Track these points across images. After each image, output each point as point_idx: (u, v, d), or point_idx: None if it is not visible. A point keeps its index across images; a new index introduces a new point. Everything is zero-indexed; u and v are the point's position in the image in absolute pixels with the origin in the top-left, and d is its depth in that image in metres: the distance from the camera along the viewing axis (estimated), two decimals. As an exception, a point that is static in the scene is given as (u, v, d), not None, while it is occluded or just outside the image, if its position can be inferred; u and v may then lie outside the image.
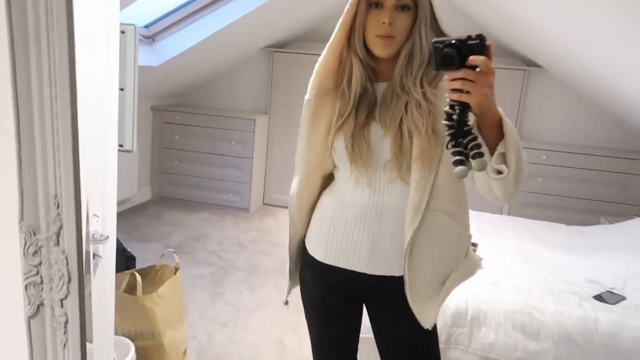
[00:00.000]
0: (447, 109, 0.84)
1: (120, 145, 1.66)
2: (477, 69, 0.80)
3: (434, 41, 0.82)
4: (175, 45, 3.52)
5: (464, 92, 0.81)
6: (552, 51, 3.31)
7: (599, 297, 1.96)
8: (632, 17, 1.95)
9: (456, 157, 0.82)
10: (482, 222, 2.85)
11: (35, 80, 0.71)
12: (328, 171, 1.20)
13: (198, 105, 4.63)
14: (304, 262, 1.24)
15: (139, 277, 1.85)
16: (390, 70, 1.08)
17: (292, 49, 4.33)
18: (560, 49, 3.09)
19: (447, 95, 0.84)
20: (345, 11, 1.05)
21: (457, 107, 0.83)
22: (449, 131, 0.83)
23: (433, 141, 1.02)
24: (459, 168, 0.82)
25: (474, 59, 0.80)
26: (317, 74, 1.11)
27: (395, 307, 1.11)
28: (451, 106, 0.83)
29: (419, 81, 1.03)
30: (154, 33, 3.50)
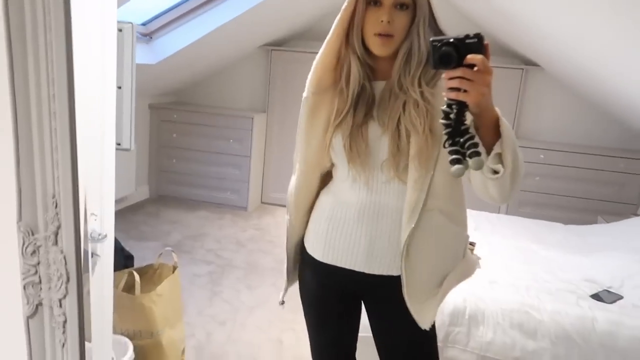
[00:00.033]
0: (444, 107, 0.84)
1: (118, 144, 1.66)
2: (475, 68, 0.80)
3: (432, 40, 0.82)
4: (173, 43, 3.51)
5: (462, 91, 0.81)
6: (550, 51, 3.31)
7: (596, 296, 1.96)
8: (631, 18, 1.96)
9: (453, 155, 0.82)
10: (480, 221, 2.86)
11: (33, 80, 0.70)
12: (326, 169, 1.20)
13: (196, 103, 4.62)
14: (303, 261, 1.24)
15: (137, 276, 1.85)
16: (388, 69, 1.08)
17: (290, 47, 4.32)
18: (558, 48, 3.10)
19: (444, 94, 0.84)
20: (343, 8, 1.05)
21: (454, 106, 0.83)
22: (446, 130, 0.83)
23: (430, 141, 1.02)
24: (455, 167, 0.82)
25: (471, 57, 0.80)
26: (315, 70, 1.11)
27: (393, 307, 1.11)
28: (449, 105, 0.83)
29: (417, 81, 1.03)
30: (151, 31, 3.49)
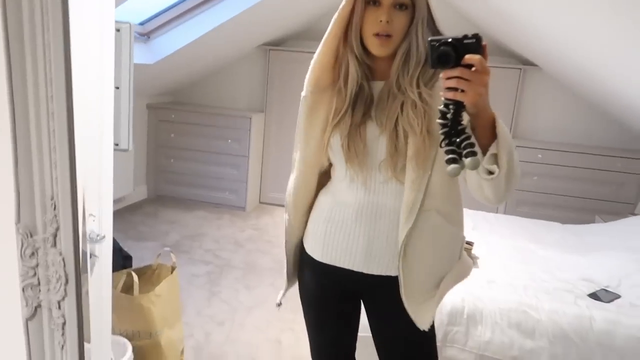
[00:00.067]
0: (441, 107, 0.84)
1: (116, 144, 1.65)
2: (473, 68, 0.80)
3: (430, 39, 0.82)
4: (170, 42, 3.50)
5: (459, 90, 0.81)
6: (548, 51, 3.32)
7: (593, 295, 1.97)
8: (630, 18, 1.96)
9: (449, 155, 0.83)
10: (478, 221, 2.87)
11: (31, 80, 0.70)
12: (324, 168, 1.20)
13: (194, 103, 4.62)
14: (302, 261, 1.24)
15: (135, 277, 1.85)
16: (387, 69, 1.08)
17: (288, 47, 4.32)
18: (556, 48, 3.10)
19: (442, 93, 0.84)
20: (341, 7, 1.04)
21: (451, 106, 0.83)
22: (443, 130, 0.84)
23: (428, 141, 1.02)
24: (451, 166, 0.82)
25: (469, 57, 0.80)
26: (314, 69, 1.11)
27: (392, 306, 1.11)
28: (446, 105, 0.84)
29: (415, 81, 1.04)
30: (149, 30, 3.48)
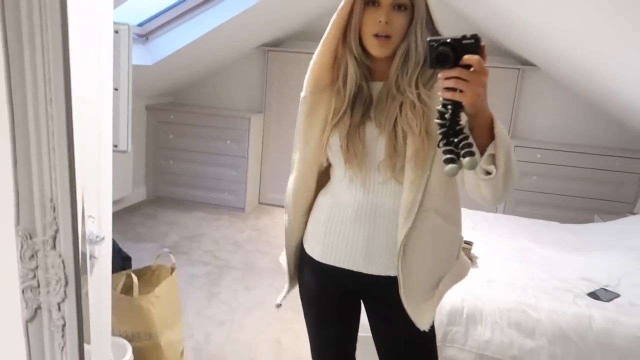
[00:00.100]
0: (440, 107, 0.84)
1: (115, 146, 1.65)
2: (471, 69, 0.81)
3: (429, 39, 0.82)
4: (169, 43, 3.50)
5: (458, 91, 0.82)
6: (546, 51, 3.32)
7: (593, 295, 1.97)
8: (630, 18, 1.96)
9: (447, 155, 0.83)
10: (477, 221, 2.87)
11: (30, 82, 0.70)
12: (323, 167, 1.20)
13: (193, 104, 4.61)
14: (302, 261, 1.24)
15: (135, 278, 1.85)
16: (386, 69, 1.08)
17: (286, 48, 4.32)
18: (555, 49, 3.11)
19: (440, 93, 0.84)
20: (340, 7, 1.04)
21: (449, 106, 0.83)
22: (441, 130, 0.84)
23: (426, 142, 1.02)
24: (449, 166, 0.83)
25: (468, 58, 0.80)
26: (313, 70, 1.11)
27: (392, 306, 1.11)
28: (444, 105, 0.84)
29: (414, 82, 1.04)
30: (147, 31, 3.48)
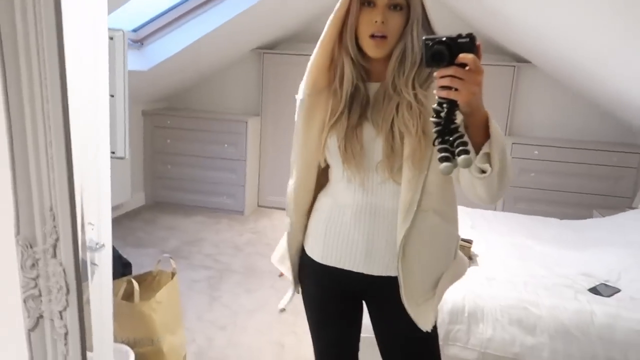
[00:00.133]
0: (435, 106, 0.85)
1: (113, 152, 1.66)
2: (467, 67, 0.81)
3: (424, 38, 0.83)
4: (164, 48, 3.50)
5: (453, 89, 0.82)
6: (541, 48, 3.33)
7: (594, 290, 1.98)
8: (623, 15, 1.97)
9: (442, 153, 0.84)
10: (476, 219, 2.87)
11: (27, 93, 0.70)
12: (322, 167, 1.20)
13: (189, 108, 4.62)
14: (303, 262, 1.24)
15: (136, 284, 1.85)
16: (382, 70, 1.08)
17: (281, 50, 4.33)
18: (549, 45, 3.12)
19: (435, 92, 0.85)
20: (337, 8, 1.05)
21: (445, 105, 0.84)
22: (436, 128, 0.85)
23: (423, 142, 1.03)
24: (444, 164, 0.83)
25: (463, 56, 0.81)
26: (311, 72, 1.11)
27: (393, 306, 1.11)
28: (439, 103, 0.84)
29: (410, 82, 1.04)
30: (142, 37, 3.48)
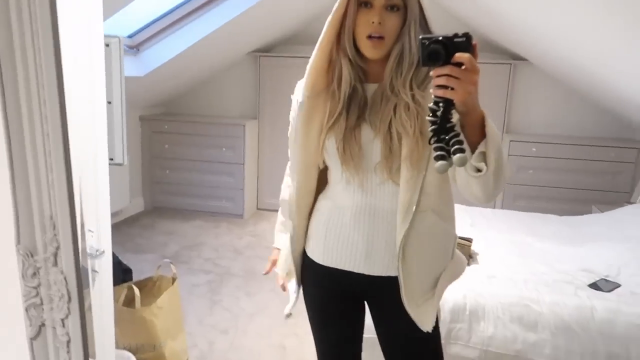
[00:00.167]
0: (431, 105, 0.85)
1: (111, 159, 1.66)
2: (463, 67, 0.81)
3: (421, 37, 0.83)
4: (160, 54, 3.51)
5: (449, 88, 0.82)
6: (537, 45, 3.34)
7: (594, 285, 1.98)
8: (620, 11, 1.98)
9: (438, 152, 0.84)
10: (475, 217, 2.88)
11: (24, 102, 0.71)
12: (320, 169, 1.20)
13: (187, 113, 4.62)
14: (304, 264, 1.25)
15: (136, 290, 1.85)
16: (380, 71, 1.08)
17: (278, 53, 4.33)
18: (545, 42, 3.13)
19: (432, 91, 0.85)
20: (334, 10, 1.05)
21: (441, 104, 0.84)
22: (432, 127, 0.85)
23: (421, 142, 1.03)
24: (439, 163, 0.84)
25: (459, 56, 0.81)
26: (310, 74, 1.11)
27: (394, 307, 1.12)
28: (435, 102, 0.85)
29: (408, 83, 1.04)
30: (138, 43, 3.48)
